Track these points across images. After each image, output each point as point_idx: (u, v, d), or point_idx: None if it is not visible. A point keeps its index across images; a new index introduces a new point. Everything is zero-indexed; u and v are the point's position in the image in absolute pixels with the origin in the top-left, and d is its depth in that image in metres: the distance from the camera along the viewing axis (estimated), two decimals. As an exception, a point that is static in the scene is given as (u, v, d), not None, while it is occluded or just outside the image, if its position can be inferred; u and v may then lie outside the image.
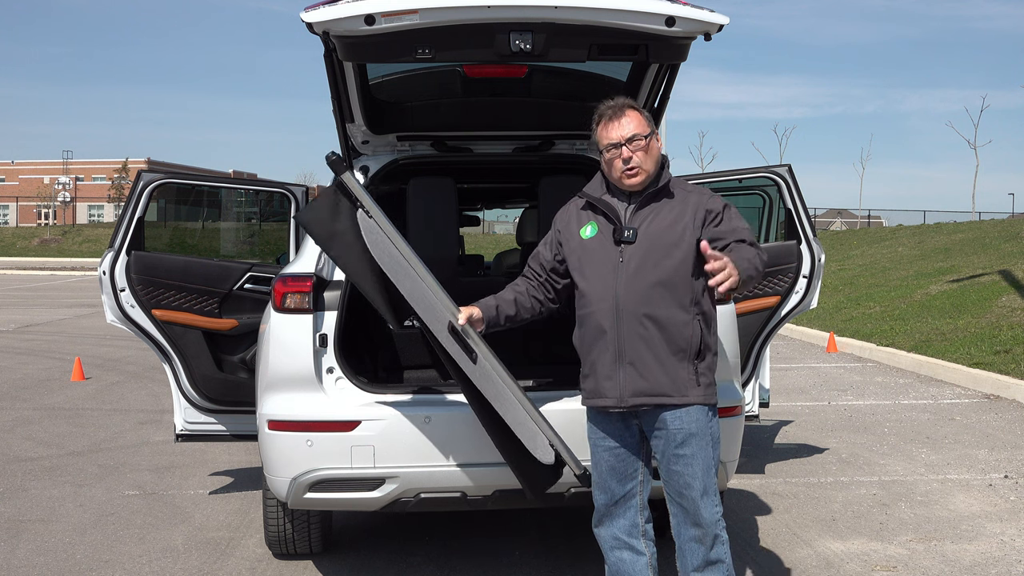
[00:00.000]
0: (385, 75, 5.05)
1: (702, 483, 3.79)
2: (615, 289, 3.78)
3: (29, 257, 50.70)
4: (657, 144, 3.90)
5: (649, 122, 3.87)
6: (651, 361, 3.76)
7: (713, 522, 3.83)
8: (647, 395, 3.77)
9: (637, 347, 3.76)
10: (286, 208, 6.41)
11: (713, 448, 3.84)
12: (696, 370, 3.78)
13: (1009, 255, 18.50)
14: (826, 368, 12.27)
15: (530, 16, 3.98)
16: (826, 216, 66.73)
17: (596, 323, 3.81)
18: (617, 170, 3.83)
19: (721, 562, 3.87)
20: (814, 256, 6.37)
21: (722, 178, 6.84)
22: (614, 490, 3.94)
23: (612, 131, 3.82)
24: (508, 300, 4.05)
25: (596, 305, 3.81)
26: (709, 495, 3.82)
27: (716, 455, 3.86)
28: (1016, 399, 9.75)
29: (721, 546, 3.85)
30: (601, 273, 3.82)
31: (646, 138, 3.81)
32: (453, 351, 4.05)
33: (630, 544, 3.96)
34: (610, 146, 3.82)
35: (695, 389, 3.78)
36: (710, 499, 3.82)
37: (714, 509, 3.84)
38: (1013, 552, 5.38)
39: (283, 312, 4.57)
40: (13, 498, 6.60)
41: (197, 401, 5.89)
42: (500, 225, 58.57)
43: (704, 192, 3.90)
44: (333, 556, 5.39)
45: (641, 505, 3.98)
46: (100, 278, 5.78)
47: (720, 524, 3.86)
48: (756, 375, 6.42)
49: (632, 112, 3.84)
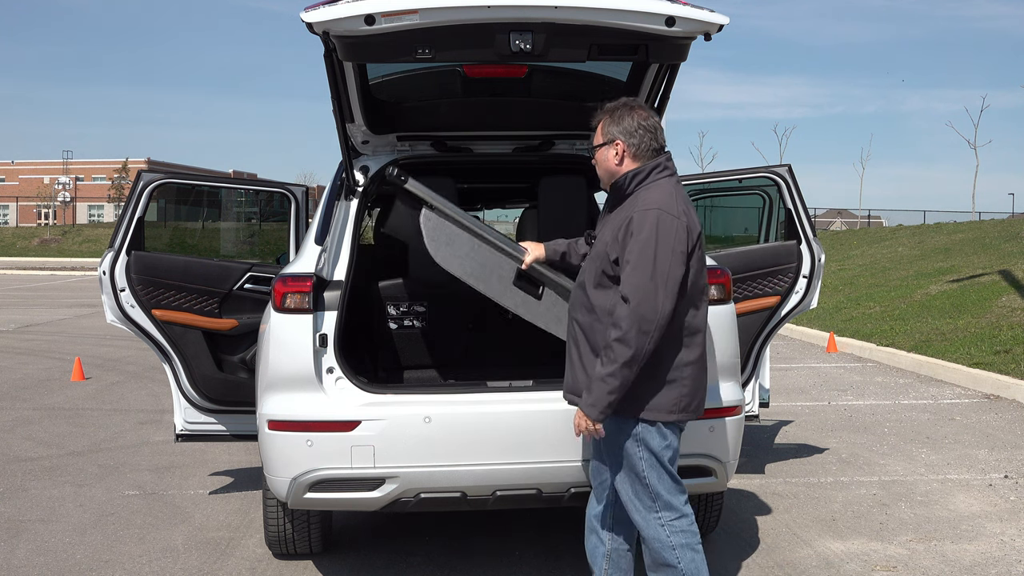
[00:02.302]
0: (385, 75, 5.05)
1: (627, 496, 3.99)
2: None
3: (29, 257, 50.69)
4: (610, 153, 3.97)
5: (605, 132, 3.98)
6: (576, 361, 4.00)
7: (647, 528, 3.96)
8: (571, 392, 4.02)
9: (570, 347, 4.05)
10: (286, 208, 6.41)
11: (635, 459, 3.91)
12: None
13: (1009, 255, 18.50)
14: (826, 368, 12.26)
15: (530, 16, 3.99)
16: (826, 216, 66.74)
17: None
18: None
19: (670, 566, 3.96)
20: (814, 256, 6.37)
21: (722, 178, 6.85)
22: (593, 478, 4.19)
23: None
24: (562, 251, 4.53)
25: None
26: (642, 503, 3.96)
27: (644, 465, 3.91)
28: (1016, 399, 9.75)
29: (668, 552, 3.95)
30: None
31: (595, 148, 4.03)
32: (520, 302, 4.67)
33: (596, 530, 4.20)
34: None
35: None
36: (642, 507, 3.97)
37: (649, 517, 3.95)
38: (1013, 552, 5.38)
39: (283, 312, 4.57)
40: (13, 498, 6.60)
41: (197, 401, 5.89)
42: (500, 225, 58.53)
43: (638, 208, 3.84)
44: (333, 556, 5.39)
45: (611, 499, 4.13)
46: (100, 278, 5.78)
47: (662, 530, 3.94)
48: (756, 375, 6.42)
49: (601, 122, 4.02)
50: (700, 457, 4.56)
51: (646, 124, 3.94)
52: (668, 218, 3.77)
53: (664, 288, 3.71)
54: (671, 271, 3.73)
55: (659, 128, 3.99)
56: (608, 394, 3.74)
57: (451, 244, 4.66)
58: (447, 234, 4.68)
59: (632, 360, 3.70)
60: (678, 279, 3.75)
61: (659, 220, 3.76)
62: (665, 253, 3.73)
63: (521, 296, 4.66)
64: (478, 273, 4.66)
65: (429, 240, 4.68)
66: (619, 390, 3.74)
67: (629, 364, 3.70)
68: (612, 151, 3.94)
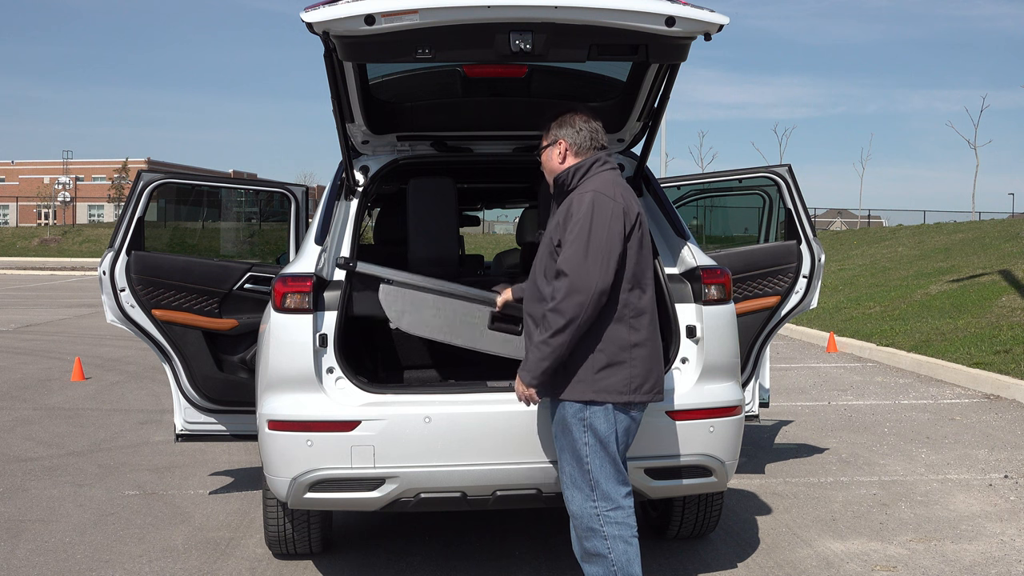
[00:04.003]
0: (385, 75, 5.05)
1: (568, 475, 4.03)
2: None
3: (29, 257, 50.68)
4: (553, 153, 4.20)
5: (550, 135, 4.22)
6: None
7: (581, 515, 4.00)
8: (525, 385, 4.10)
9: (526, 343, 4.13)
10: (286, 208, 6.41)
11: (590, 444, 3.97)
12: (565, 367, 3.97)
13: (1009, 255, 18.50)
14: (826, 368, 12.26)
15: (530, 16, 3.99)
16: (826, 216, 66.75)
17: None
18: None
19: (600, 556, 3.98)
20: (814, 256, 6.37)
21: (722, 178, 6.85)
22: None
23: None
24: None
25: None
26: (578, 487, 4.01)
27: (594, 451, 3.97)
28: (1016, 399, 9.75)
29: (600, 540, 3.97)
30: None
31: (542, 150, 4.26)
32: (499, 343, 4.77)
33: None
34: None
35: (563, 384, 3.99)
36: (579, 491, 4.01)
37: (584, 504, 3.99)
38: (1013, 552, 5.38)
39: (283, 312, 4.57)
40: (13, 498, 6.60)
41: (197, 401, 5.89)
42: (500, 225, 58.58)
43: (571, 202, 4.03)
44: (333, 556, 5.39)
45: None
46: (100, 278, 5.78)
47: (596, 519, 3.97)
48: (756, 375, 6.42)
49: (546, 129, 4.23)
50: (700, 457, 4.56)
51: (587, 125, 4.17)
52: (603, 199, 3.97)
53: (599, 263, 3.87)
54: (606, 246, 3.89)
55: (600, 130, 4.21)
56: (541, 360, 3.91)
57: (414, 310, 4.77)
58: (408, 301, 4.78)
59: (566, 328, 3.85)
60: (613, 255, 3.90)
61: (594, 200, 3.96)
62: (600, 230, 3.90)
63: (500, 338, 4.79)
64: (447, 328, 4.78)
65: (390, 312, 4.78)
66: (551, 357, 3.90)
67: (562, 331, 3.85)
68: (556, 151, 4.19)
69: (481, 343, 4.80)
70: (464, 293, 4.78)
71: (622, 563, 3.96)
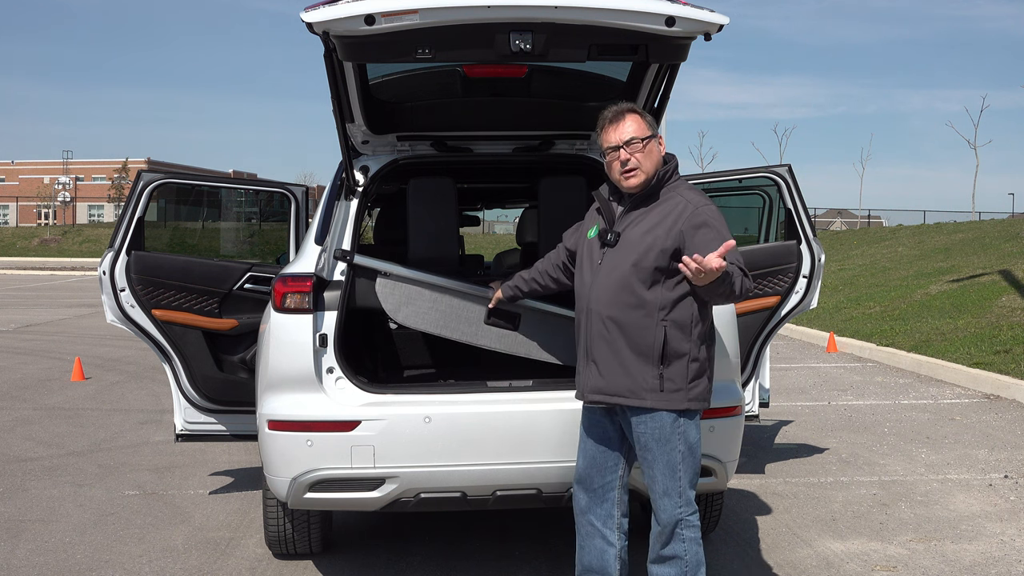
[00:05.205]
0: (385, 75, 5.05)
1: (661, 485, 3.97)
2: (588, 289, 4.02)
3: (29, 257, 50.66)
4: (658, 147, 4.07)
5: (650, 125, 4.05)
6: (612, 362, 3.94)
7: (671, 521, 3.96)
8: (604, 394, 3.97)
9: (600, 347, 3.96)
10: (286, 208, 6.41)
11: (683, 452, 3.95)
12: (661, 375, 3.89)
13: (1009, 255, 18.50)
14: (826, 368, 12.27)
15: (530, 16, 3.99)
16: (826, 216, 66.73)
17: (576, 321, 4.10)
18: (615, 172, 4.04)
19: (678, 558, 3.98)
20: (814, 256, 6.37)
21: (722, 178, 6.84)
22: (594, 479, 4.14)
23: (612, 135, 4.03)
24: (527, 279, 4.54)
25: (576, 304, 4.11)
26: (671, 496, 3.97)
27: (686, 458, 3.96)
28: (1016, 399, 9.75)
29: (680, 543, 3.97)
30: (584, 273, 4.09)
31: (643, 141, 4.00)
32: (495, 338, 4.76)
33: (603, 533, 4.14)
34: (609, 149, 4.04)
35: (657, 394, 3.90)
36: (671, 500, 3.97)
37: (676, 510, 3.97)
38: (1013, 552, 5.38)
39: (283, 312, 4.57)
40: (13, 498, 6.60)
41: (197, 401, 5.89)
42: (500, 225, 58.56)
43: (693, 202, 3.96)
44: (333, 556, 5.39)
45: (619, 499, 4.14)
46: (100, 278, 5.78)
47: (684, 523, 3.96)
48: (756, 375, 6.42)
49: (632, 116, 4.03)
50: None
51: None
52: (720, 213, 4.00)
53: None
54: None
55: None
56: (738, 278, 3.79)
57: (410, 303, 4.78)
58: (404, 295, 4.78)
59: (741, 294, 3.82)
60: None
61: (719, 214, 3.95)
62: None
63: (496, 332, 4.78)
64: (443, 323, 4.78)
65: (386, 305, 4.78)
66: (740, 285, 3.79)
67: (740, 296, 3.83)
68: (658, 142, 4.07)
69: (477, 338, 4.80)
70: (460, 288, 4.79)
71: (694, 564, 4.00)
